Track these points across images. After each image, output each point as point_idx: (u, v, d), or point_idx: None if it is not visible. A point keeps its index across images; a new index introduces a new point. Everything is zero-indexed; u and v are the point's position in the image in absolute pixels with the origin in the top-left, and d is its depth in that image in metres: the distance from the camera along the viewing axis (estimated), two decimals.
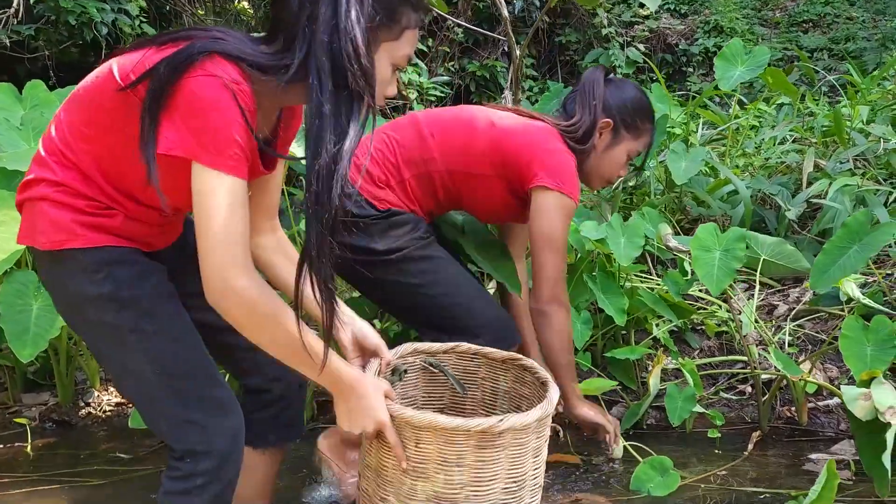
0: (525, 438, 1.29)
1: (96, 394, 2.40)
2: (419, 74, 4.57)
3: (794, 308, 2.50)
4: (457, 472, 1.27)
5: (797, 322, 2.42)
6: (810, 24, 6.72)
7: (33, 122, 2.40)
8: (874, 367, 1.67)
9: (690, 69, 6.15)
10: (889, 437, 1.50)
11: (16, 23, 3.30)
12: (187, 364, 1.25)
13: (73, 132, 1.20)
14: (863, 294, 2.01)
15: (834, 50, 6.24)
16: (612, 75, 1.99)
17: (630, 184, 3.04)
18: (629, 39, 6.19)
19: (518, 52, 3.57)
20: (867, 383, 1.54)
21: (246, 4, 3.99)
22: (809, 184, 2.82)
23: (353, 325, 1.40)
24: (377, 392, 1.26)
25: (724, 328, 2.42)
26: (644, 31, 6.31)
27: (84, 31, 3.55)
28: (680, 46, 6.32)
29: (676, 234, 2.74)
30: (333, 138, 1.10)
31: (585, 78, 1.96)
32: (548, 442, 1.38)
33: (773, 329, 2.42)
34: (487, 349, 1.53)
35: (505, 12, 3.40)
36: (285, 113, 1.32)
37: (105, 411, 2.34)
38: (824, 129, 3.13)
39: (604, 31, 5.93)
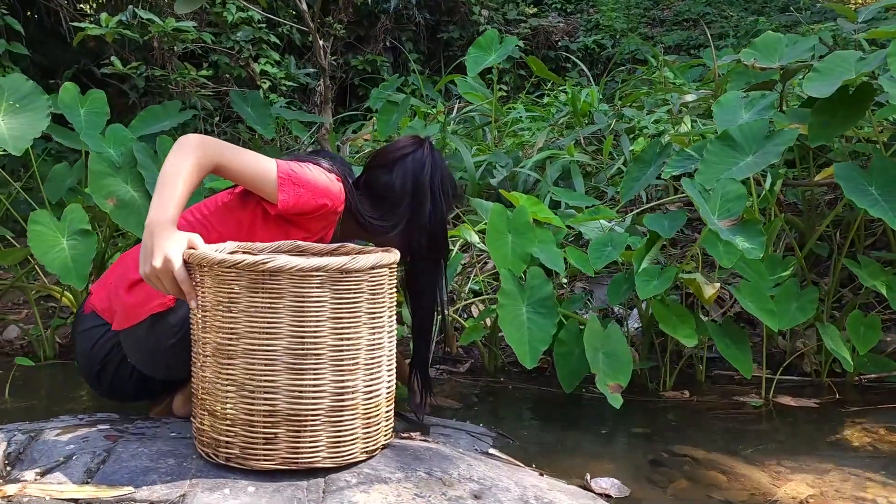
0: (307, 289, 1.24)
1: None
2: (272, 65, 4.91)
3: None
4: (230, 319, 1.25)
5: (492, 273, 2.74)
6: (691, 22, 7.04)
7: None
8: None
9: (570, 65, 6.46)
10: None
11: None
12: None
13: None
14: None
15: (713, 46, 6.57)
16: None
17: None
18: (511, 36, 6.51)
19: (326, 62, 3.86)
20: None
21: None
22: None
23: None
24: (176, 238, 1.31)
25: None
26: (527, 28, 6.63)
27: None
28: (560, 43, 6.65)
29: None
30: (433, 293, 1.72)
31: None
32: (378, 321, 1.34)
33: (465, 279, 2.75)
34: (314, 245, 1.55)
35: (303, 6, 3.73)
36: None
37: None
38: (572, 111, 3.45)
39: (480, 28, 6.25)
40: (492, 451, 1.60)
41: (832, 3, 4.78)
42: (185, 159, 1.39)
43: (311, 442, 1.28)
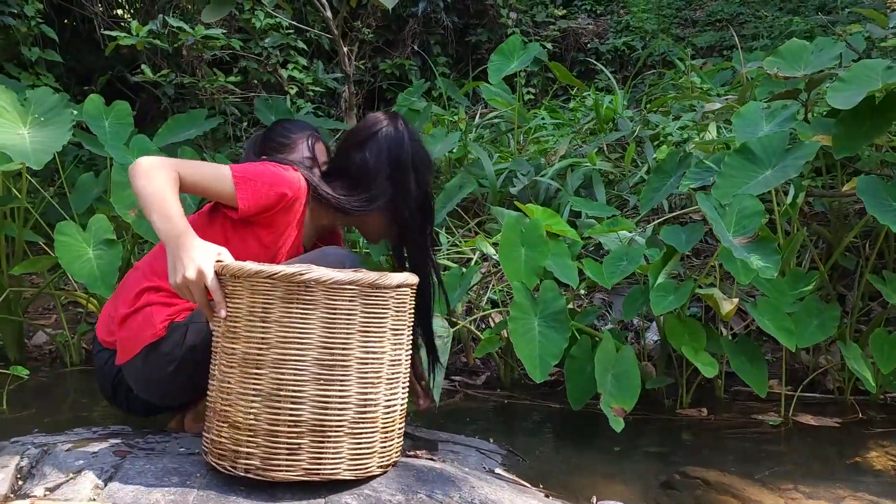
0: (340, 302, 1.27)
1: None
2: (299, 71, 4.94)
3: None
4: (261, 329, 1.27)
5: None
6: (724, 22, 6.92)
7: None
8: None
9: (600, 67, 6.40)
10: None
11: None
12: None
13: None
14: None
15: (744, 47, 6.45)
16: None
17: None
18: (539, 39, 6.46)
19: (350, 69, 3.87)
20: None
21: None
22: None
23: None
24: (205, 249, 1.35)
25: None
26: (556, 30, 6.58)
27: None
28: (589, 46, 6.59)
29: None
30: (426, 264, 1.68)
31: None
32: (400, 338, 1.37)
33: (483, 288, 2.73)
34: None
35: (328, 13, 3.74)
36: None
37: None
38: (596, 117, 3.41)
39: (509, 31, 6.22)
40: (498, 470, 1.59)
41: (863, 9, 4.65)
42: (159, 178, 1.43)
43: (333, 453, 1.29)
